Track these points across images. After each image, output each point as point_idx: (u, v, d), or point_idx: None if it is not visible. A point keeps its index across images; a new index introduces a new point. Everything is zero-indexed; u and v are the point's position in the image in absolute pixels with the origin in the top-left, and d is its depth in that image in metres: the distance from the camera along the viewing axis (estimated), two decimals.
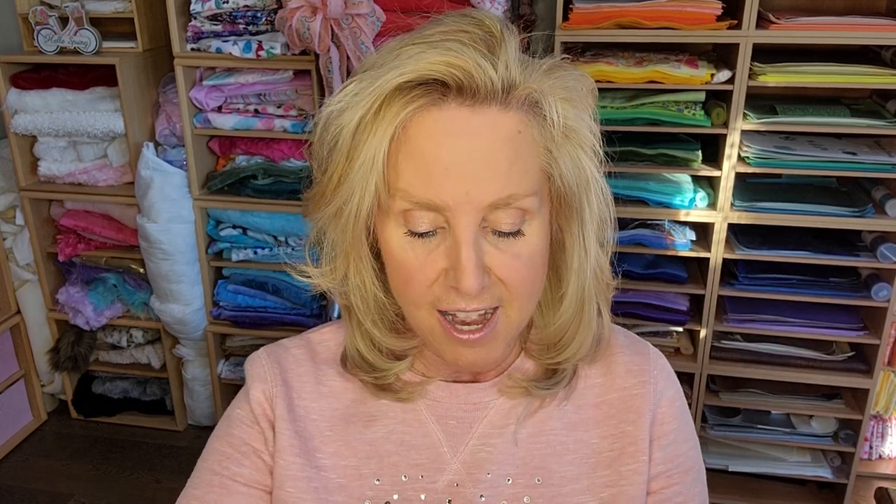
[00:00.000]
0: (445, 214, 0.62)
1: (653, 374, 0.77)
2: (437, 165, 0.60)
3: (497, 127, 0.61)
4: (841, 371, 2.13)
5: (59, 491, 2.42)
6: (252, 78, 2.22)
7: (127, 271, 2.56)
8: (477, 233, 0.62)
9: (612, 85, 1.97)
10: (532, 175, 0.63)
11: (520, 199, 0.62)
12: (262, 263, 2.41)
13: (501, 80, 0.61)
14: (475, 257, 0.61)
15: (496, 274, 0.64)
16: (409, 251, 0.64)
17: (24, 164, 2.48)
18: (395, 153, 0.62)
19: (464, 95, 0.61)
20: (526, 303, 0.67)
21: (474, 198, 0.60)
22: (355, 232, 0.67)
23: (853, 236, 2.06)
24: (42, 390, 2.76)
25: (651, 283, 2.15)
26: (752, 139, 1.98)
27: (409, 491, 0.72)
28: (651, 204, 2.08)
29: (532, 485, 0.72)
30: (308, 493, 0.72)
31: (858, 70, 1.87)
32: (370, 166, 0.62)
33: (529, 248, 0.65)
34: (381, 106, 0.61)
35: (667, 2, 1.88)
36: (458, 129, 0.61)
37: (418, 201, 0.62)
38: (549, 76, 0.65)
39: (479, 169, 0.60)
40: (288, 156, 2.29)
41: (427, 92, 0.61)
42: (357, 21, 1.88)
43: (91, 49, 2.27)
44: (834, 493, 2.29)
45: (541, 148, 0.64)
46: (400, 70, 0.60)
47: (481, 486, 0.72)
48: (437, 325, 0.67)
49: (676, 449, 0.76)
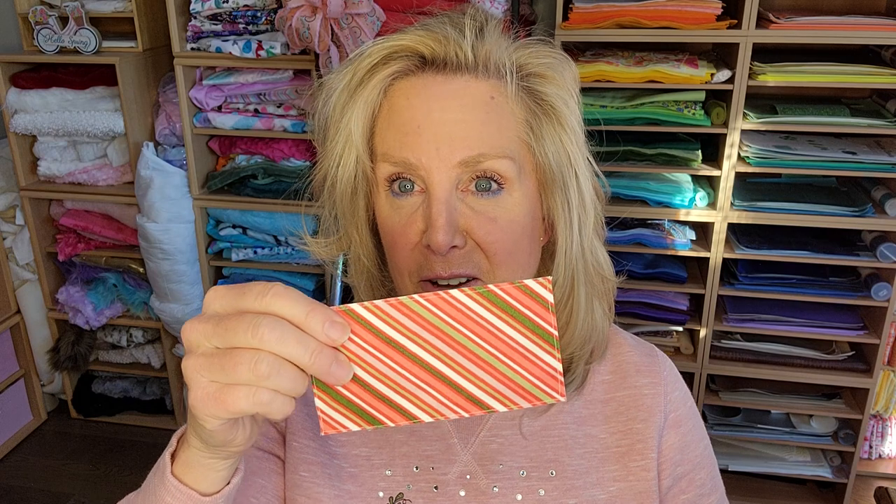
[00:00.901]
0: (421, 174, 0.64)
1: (663, 376, 0.79)
2: (411, 125, 0.64)
3: (468, 91, 0.65)
4: (841, 370, 2.13)
5: (59, 490, 2.43)
6: (252, 77, 2.22)
7: (127, 271, 2.56)
8: (451, 192, 0.64)
9: (612, 85, 1.97)
10: (506, 140, 0.65)
11: (490, 160, 0.64)
12: (262, 263, 2.41)
13: (472, 47, 0.65)
14: (446, 213, 0.63)
15: (473, 237, 0.65)
16: (395, 216, 0.67)
17: (24, 163, 2.48)
18: (380, 122, 0.67)
19: (437, 65, 0.66)
20: (508, 274, 0.67)
21: (444, 155, 0.63)
22: (353, 205, 0.71)
23: (853, 236, 2.06)
24: (42, 390, 2.77)
25: (651, 283, 2.15)
26: (752, 139, 1.98)
27: (421, 482, 0.73)
28: (651, 204, 2.08)
29: (547, 477, 0.73)
30: (322, 479, 0.73)
31: (858, 70, 1.88)
32: (352, 132, 0.67)
33: (508, 215, 0.66)
34: (364, 77, 0.67)
35: (667, 1, 1.88)
36: (431, 92, 0.65)
37: (395, 161, 0.65)
38: (522, 49, 0.68)
39: (450, 128, 0.64)
40: (288, 155, 2.29)
41: (405, 64, 0.66)
42: (357, 21, 1.88)
43: (91, 49, 2.27)
44: (834, 492, 2.29)
45: (519, 119, 0.67)
46: (381, 44, 0.67)
47: (494, 477, 0.73)
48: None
49: (693, 450, 0.77)
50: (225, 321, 0.45)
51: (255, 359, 0.44)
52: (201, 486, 0.53)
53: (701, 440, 0.79)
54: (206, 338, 0.46)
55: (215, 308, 0.47)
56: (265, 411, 0.46)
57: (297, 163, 2.30)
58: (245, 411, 0.46)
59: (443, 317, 0.49)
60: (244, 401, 0.45)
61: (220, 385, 0.46)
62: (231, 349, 0.45)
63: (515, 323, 0.49)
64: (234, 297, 0.47)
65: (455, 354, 0.49)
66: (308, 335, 0.46)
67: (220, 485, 0.54)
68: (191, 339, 0.47)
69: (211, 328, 0.46)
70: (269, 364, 0.44)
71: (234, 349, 0.45)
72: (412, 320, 0.49)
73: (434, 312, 0.49)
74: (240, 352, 0.45)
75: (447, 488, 0.73)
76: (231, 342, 0.45)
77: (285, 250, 2.37)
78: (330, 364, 0.46)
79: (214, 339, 0.46)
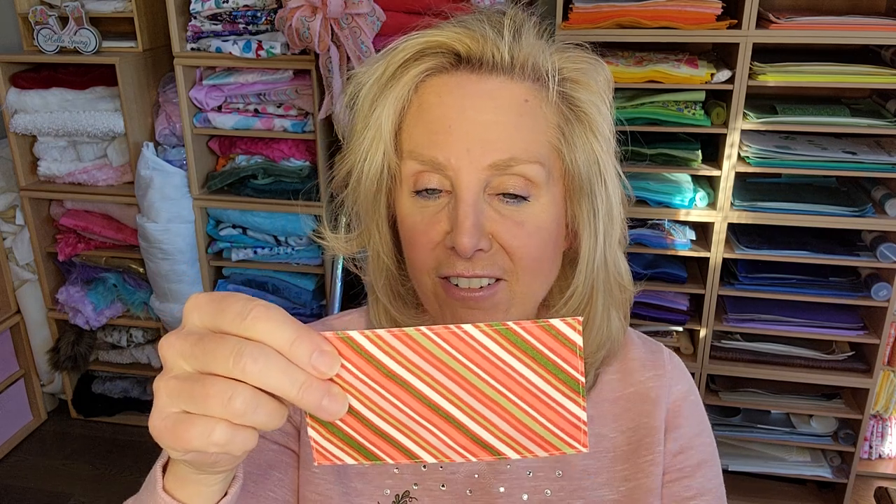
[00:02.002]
0: (449, 174, 0.63)
1: (667, 368, 0.78)
2: (442, 124, 0.63)
3: (503, 93, 0.63)
4: (841, 371, 2.13)
5: (59, 490, 2.42)
6: (252, 77, 2.22)
7: (127, 271, 2.56)
8: (478, 195, 0.63)
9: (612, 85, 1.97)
10: (537, 145, 0.64)
11: (521, 164, 0.63)
12: (262, 263, 2.41)
13: (509, 48, 0.64)
14: (473, 216, 0.62)
15: (498, 241, 0.64)
16: (417, 214, 0.65)
17: (24, 163, 2.48)
18: (408, 118, 0.66)
19: (473, 64, 0.64)
20: (531, 279, 0.66)
21: (475, 157, 0.62)
22: (375, 201, 0.69)
23: (853, 236, 2.06)
24: (42, 390, 2.76)
25: (651, 283, 2.14)
26: (752, 139, 1.98)
27: (428, 481, 0.73)
28: (651, 203, 2.08)
29: (553, 478, 0.73)
30: (331, 476, 0.73)
31: (858, 70, 1.88)
32: (381, 126, 0.65)
33: (534, 220, 0.65)
34: (396, 72, 0.65)
35: (667, 1, 1.88)
36: (465, 91, 0.63)
37: (424, 160, 0.64)
38: (559, 54, 0.67)
39: (482, 129, 0.62)
40: (288, 156, 2.29)
41: (439, 61, 0.65)
42: (357, 21, 1.88)
43: (91, 49, 2.27)
44: (834, 492, 2.29)
45: (551, 124, 0.65)
46: (415, 39, 0.65)
47: (501, 477, 0.73)
48: (439, 289, 0.67)
49: (690, 442, 0.76)
50: (205, 342, 0.41)
51: (231, 393, 0.40)
52: (195, 502, 0.49)
53: (699, 435, 0.77)
54: (184, 358, 0.42)
55: (194, 321, 0.43)
56: (224, 450, 0.41)
57: (297, 163, 2.30)
58: (199, 450, 0.41)
59: (453, 353, 0.43)
60: (197, 440, 0.41)
61: (181, 416, 0.41)
62: (207, 376, 0.41)
63: (536, 366, 0.43)
64: (213, 313, 0.42)
65: (465, 395, 0.44)
66: (295, 365, 0.41)
67: (216, 497, 0.50)
68: (167, 357, 0.43)
69: (189, 348, 0.41)
70: (244, 401, 0.40)
71: (210, 377, 0.41)
72: (418, 354, 0.43)
73: (443, 348, 0.43)
74: (215, 381, 0.40)
75: (454, 487, 0.73)
76: (209, 367, 0.41)
77: (285, 250, 2.37)
78: (321, 398, 0.41)
79: (192, 360, 0.41)
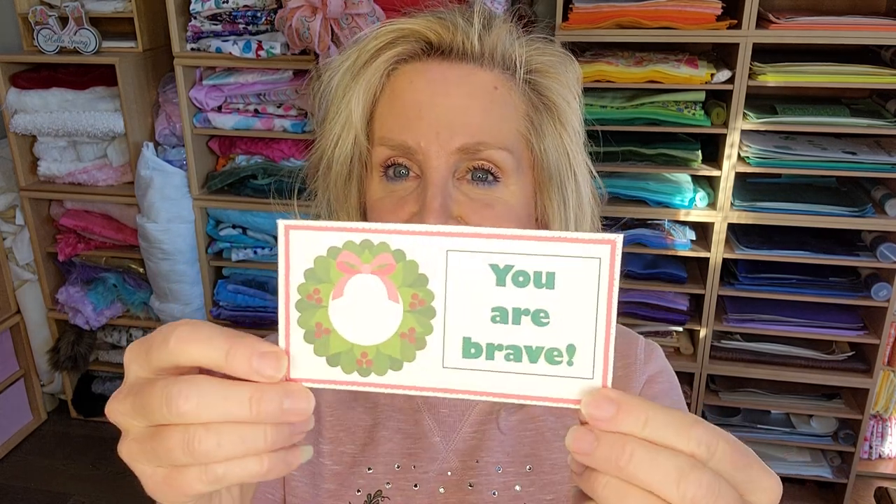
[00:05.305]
0: (418, 158, 0.63)
1: (638, 357, 0.77)
2: (412, 108, 0.64)
3: (473, 79, 0.65)
4: (841, 371, 2.13)
5: (59, 490, 2.42)
6: (252, 78, 2.21)
7: (127, 271, 2.56)
8: (447, 178, 0.63)
9: (612, 85, 1.97)
10: (506, 132, 0.65)
11: (490, 149, 0.63)
12: (261, 263, 2.41)
13: (479, 37, 0.65)
14: (441, 197, 0.62)
15: (467, 223, 0.63)
16: (386, 198, 0.66)
17: (24, 163, 2.48)
18: (380, 107, 0.67)
19: (443, 52, 0.66)
20: None
21: (444, 140, 0.62)
22: (346, 188, 0.69)
23: (853, 236, 2.06)
24: (42, 390, 2.77)
25: (651, 283, 2.15)
26: (751, 139, 1.98)
27: (401, 480, 0.73)
28: (651, 204, 2.08)
29: (523, 472, 0.73)
30: (307, 478, 0.73)
31: (858, 70, 1.88)
32: (352, 112, 0.66)
33: (503, 204, 0.65)
34: (368, 59, 0.66)
35: (667, 1, 1.88)
36: (436, 77, 0.65)
37: (394, 145, 0.64)
38: (528, 45, 0.68)
39: (452, 113, 0.63)
40: (288, 155, 2.29)
41: (411, 47, 0.66)
42: (357, 21, 1.88)
43: (91, 49, 2.27)
44: (834, 492, 2.29)
45: (520, 112, 0.66)
46: (387, 27, 0.66)
47: (471, 473, 0.73)
48: None
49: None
50: (139, 396, 0.37)
51: (185, 438, 0.36)
52: None
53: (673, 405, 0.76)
54: (131, 417, 0.38)
55: (134, 371, 0.39)
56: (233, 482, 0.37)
57: (298, 163, 2.30)
58: (205, 492, 0.38)
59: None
60: (199, 484, 0.37)
61: (167, 469, 0.38)
62: (161, 428, 0.37)
63: None
64: (143, 354, 0.39)
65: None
66: (237, 383, 0.36)
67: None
68: (117, 422, 0.39)
69: (129, 407, 0.38)
70: (202, 440, 0.36)
71: (161, 428, 0.37)
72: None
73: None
74: (167, 431, 0.37)
75: (427, 486, 0.72)
76: (153, 420, 0.37)
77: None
78: (279, 404, 0.36)
79: (138, 418, 0.38)
